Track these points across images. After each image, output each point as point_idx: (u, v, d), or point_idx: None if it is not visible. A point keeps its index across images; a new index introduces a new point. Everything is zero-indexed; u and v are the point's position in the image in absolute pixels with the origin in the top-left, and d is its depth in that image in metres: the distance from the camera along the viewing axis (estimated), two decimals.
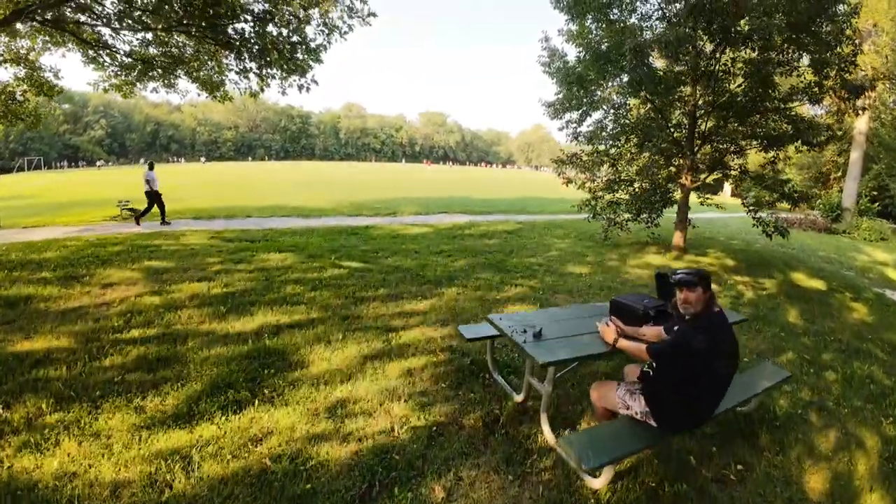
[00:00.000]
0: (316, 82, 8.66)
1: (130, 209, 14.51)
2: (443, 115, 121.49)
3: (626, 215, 11.32)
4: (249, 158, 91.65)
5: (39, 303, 5.57)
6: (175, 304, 5.69)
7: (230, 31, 7.26)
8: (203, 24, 6.93)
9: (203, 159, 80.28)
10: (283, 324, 5.00)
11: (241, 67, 9.07)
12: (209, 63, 9.29)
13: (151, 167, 13.58)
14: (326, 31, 7.96)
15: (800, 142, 10.37)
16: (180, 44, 9.62)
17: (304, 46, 7.83)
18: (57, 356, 4.15)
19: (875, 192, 27.96)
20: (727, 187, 33.62)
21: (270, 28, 7.54)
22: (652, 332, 3.33)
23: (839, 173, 33.42)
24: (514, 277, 7.50)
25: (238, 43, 7.60)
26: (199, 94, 11.31)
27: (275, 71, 8.44)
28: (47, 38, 9.66)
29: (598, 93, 10.90)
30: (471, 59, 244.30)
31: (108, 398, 3.46)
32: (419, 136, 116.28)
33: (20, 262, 7.36)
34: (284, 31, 7.67)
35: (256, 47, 7.55)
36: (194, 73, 10.25)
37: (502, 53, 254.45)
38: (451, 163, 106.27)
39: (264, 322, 5.05)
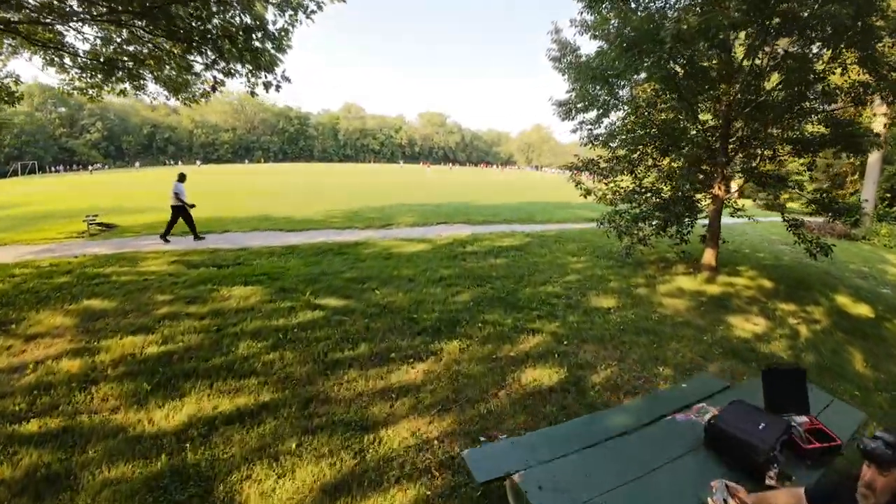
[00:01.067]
0: (287, 79, 7.29)
1: (99, 224, 13.32)
2: (442, 115, 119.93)
3: (648, 229, 9.92)
4: (246, 161, 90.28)
5: None
6: (94, 375, 4.32)
7: (170, 15, 5.85)
8: (132, 6, 5.58)
9: (199, 162, 79.09)
10: (220, 414, 3.61)
11: (205, 63, 7.73)
12: (168, 62, 7.92)
13: (182, 179, 12.01)
14: (290, 11, 6.55)
15: (839, 147, 9.06)
16: (138, 39, 8.31)
17: (262, 32, 6.45)
18: None
19: (889, 195, 26.72)
20: (732, 187, 32.11)
21: (214, 8, 6.15)
22: (787, 499, 1.95)
23: (855, 176, 31.98)
24: (529, 318, 6.12)
25: (182, 32, 6.24)
26: (167, 98, 10.07)
27: (238, 67, 7.08)
28: None
29: (623, 90, 9.51)
30: (471, 59, 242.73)
31: None
32: (419, 136, 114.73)
33: None
34: (231, 13, 6.26)
35: (208, 37, 6.18)
36: (156, 73, 8.98)
37: (503, 52, 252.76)
38: (451, 164, 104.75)
39: (196, 411, 3.66)
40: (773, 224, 20.37)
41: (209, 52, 7.45)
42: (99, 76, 9.33)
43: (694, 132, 10.24)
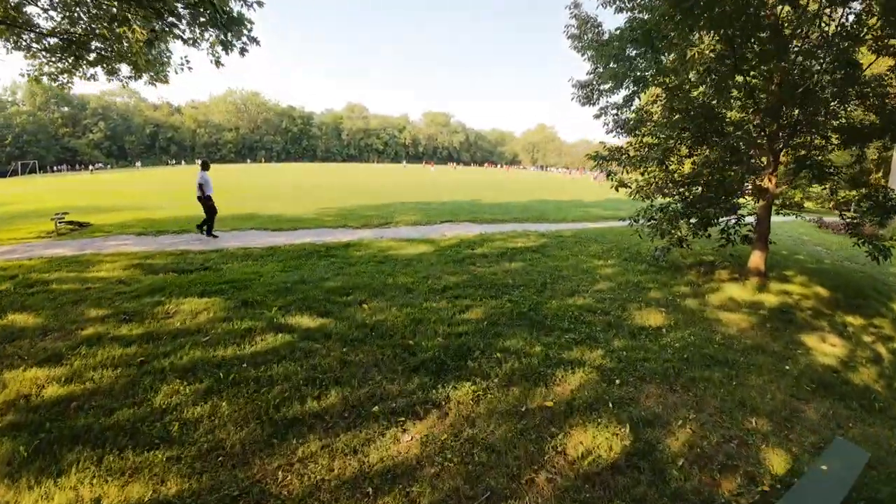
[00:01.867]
0: (256, 41, 5.91)
1: (69, 222, 12.15)
2: (446, 115, 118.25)
3: (685, 228, 8.44)
4: (248, 161, 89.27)
5: None
6: None
7: None
8: None
9: (199, 161, 78.18)
10: None
11: (167, 28, 6.41)
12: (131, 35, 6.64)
13: (205, 167, 10.98)
14: None
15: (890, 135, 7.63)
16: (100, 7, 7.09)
17: None
18: None
19: None
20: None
21: None
22: None
23: (878, 174, 30.23)
24: (563, 343, 4.67)
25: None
26: (134, 80, 8.93)
27: (203, 33, 5.74)
28: None
29: (667, 55, 8.08)
30: (475, 58, 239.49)
31: None
32: (423, 136, 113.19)
33: None
34: None
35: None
36: (120, 50, 8.00)
37: (506, 51, 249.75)
38: (455, 163, 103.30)
39: None
40: (797, 223, 18.79)
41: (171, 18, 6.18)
42: (69, 60, 8.59)
43: (742, 115, 8.78)
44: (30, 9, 8.17)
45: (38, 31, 8.32)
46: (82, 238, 10.52)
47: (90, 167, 66.28)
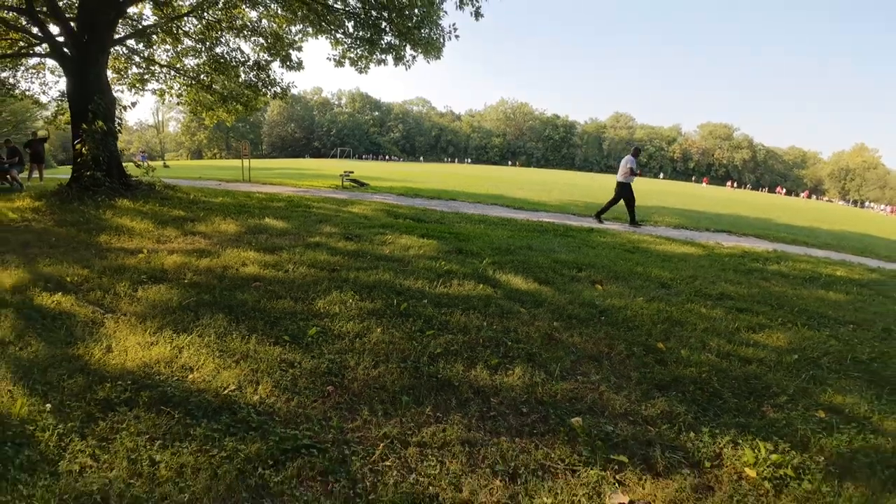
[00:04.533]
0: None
1: (352, 180, 14.96)
2: (729, 127, 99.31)
3: None
4: (510, 163, 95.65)
5: None
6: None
7: None
8: None
9: (468, 160, 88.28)
10: None
11: None
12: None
13: (636, 153, 10.31)
14: None
15: None
16: None
17: None
18: None
19: None
20: None
21: None
22: None
23: None
24: None
25: None
26: (415, 57, 10.26)
27: None
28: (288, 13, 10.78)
29: None
30: (767, 64, 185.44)
31: None
32: (695, 150, 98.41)
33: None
34: None
35: None
36: (411, 31, 9.63)
37: (807, 59, 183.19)
38: (732, 183, 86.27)
39: None
40: None
41: None
42: (366, 46, 10.56)
43: None
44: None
45: (335, 12, 10.28)
46: (357, 192, 12.37)
47: (385, 158, 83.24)
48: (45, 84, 12.15)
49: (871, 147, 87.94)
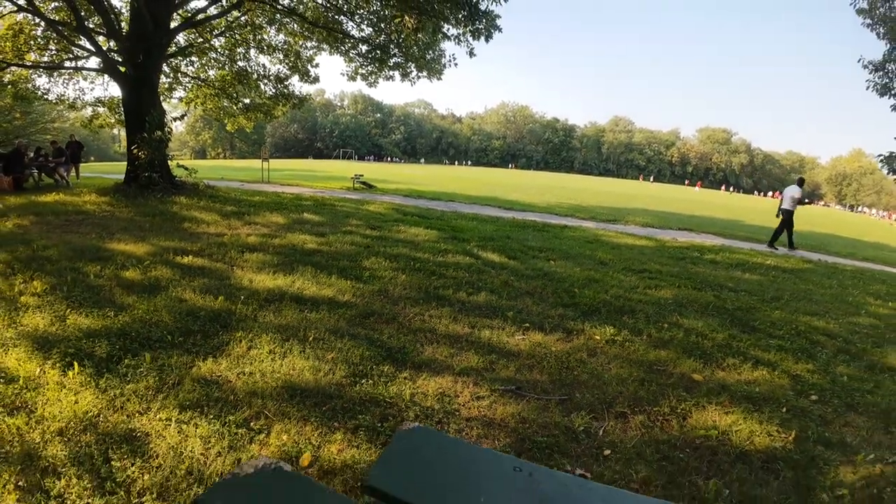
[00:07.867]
0: (499, 28, 6.79)
1: (362, 182, 16.46)
2: (727, 131, 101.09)
3: None
4: (510, 165, 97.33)
5: None
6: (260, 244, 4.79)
7: None
8: None
9: (468, 162, 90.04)
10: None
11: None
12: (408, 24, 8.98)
13: (801, 183, 10.78)
14: None
15: None
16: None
17: None
18: None
19: None
20: None
21: None
22: None
23: None
24: (760, 342, 3.79)
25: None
26: (420, 78, 11.89)
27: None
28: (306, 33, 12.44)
29: None
30: (767, 66, 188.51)
31: None
32: (693, 154, 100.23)
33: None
34: None
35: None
36: (416, 56, 11.42)
37: (807, 60, 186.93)
38: (730, 188, 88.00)
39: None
40: None
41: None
42: (376, 64, 12.27)
43: None
44: (348, 25, 11.93)
45: (352, 39, 11.99)
46: (366, 193, 14.01)
47: (387, 160, 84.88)
48: (81, 90, 13.81)
49: (869, 153, 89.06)
